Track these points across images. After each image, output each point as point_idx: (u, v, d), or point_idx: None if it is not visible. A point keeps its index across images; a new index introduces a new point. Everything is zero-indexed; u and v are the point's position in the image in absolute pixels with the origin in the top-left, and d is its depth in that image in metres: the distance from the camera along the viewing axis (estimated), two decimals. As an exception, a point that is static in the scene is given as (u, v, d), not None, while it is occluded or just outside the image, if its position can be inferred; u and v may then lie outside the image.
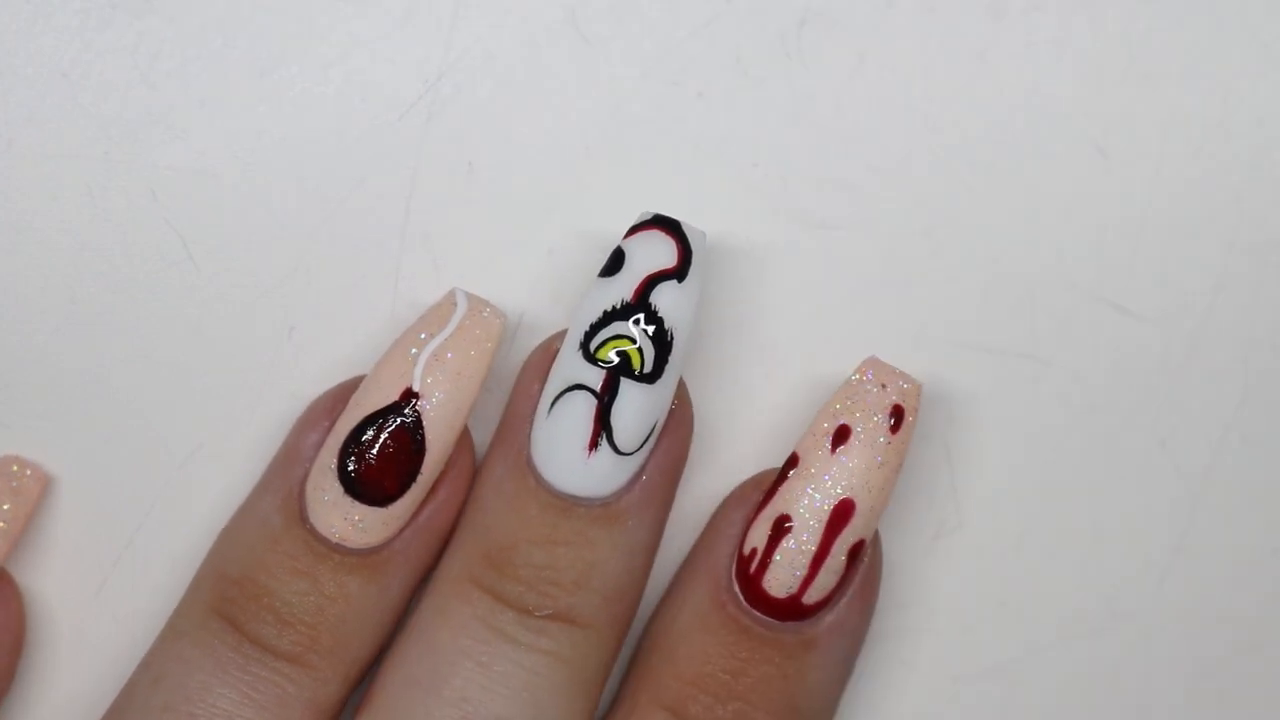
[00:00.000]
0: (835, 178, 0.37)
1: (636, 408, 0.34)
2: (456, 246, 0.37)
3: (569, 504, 0.35)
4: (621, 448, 0.34)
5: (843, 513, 0.35)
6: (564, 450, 0.35)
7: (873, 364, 0.35)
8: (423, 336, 0.35)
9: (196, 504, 0.37)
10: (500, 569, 0.35)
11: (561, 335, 0.35)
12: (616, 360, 0.34)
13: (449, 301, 0.35)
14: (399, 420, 0.34)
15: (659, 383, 0.34)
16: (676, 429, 0.36)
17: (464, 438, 0.35)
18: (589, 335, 0.34)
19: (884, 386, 0.35)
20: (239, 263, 0.37)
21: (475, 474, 0.36)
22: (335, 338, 0.37)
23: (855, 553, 0.35)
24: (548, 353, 0.35)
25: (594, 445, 0.34)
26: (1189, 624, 0.38)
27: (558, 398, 0.35)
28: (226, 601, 0.35)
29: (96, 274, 0.37)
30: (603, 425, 0.34)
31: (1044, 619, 0.38)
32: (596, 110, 0.37)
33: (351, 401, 0.35)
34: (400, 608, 0.36)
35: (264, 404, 0.37)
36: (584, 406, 0.34)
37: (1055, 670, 0.38)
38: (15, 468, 0.36)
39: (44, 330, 0.37)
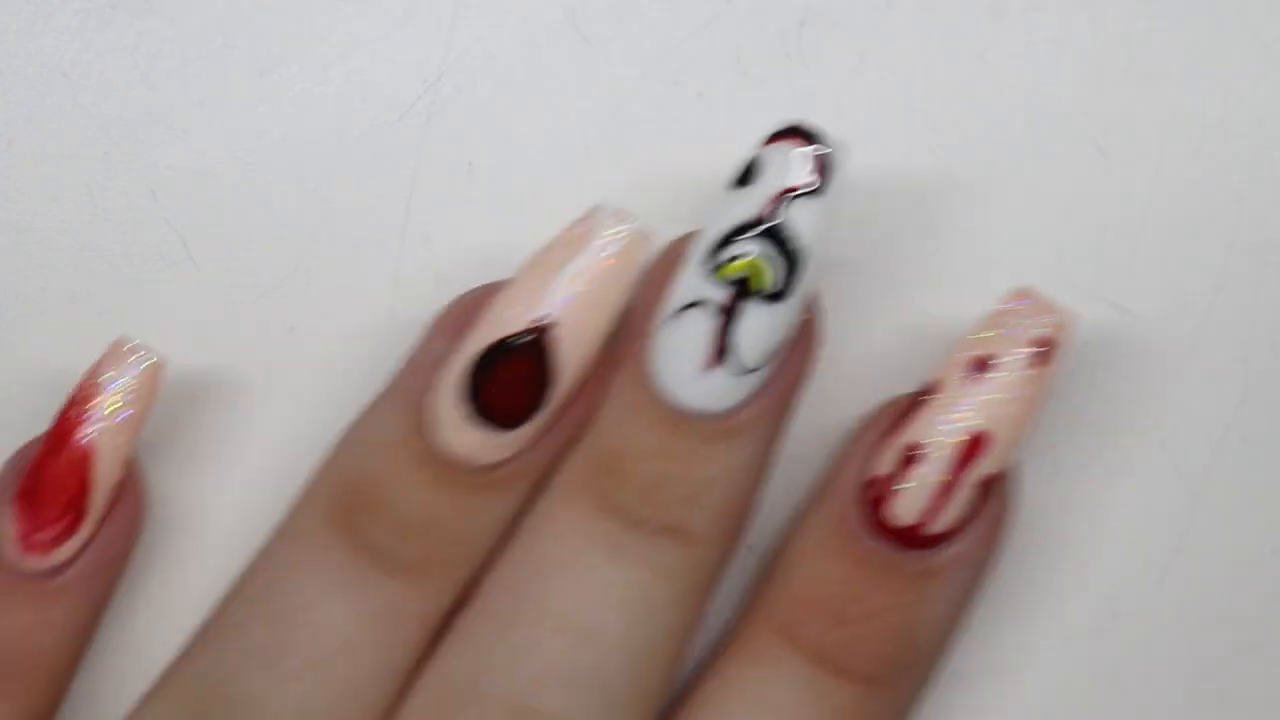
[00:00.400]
0: (835, 178, 0.37)
1: (760, 327, 0.33)
2: (456, 246, 0.37)
3: (684, 418, 0.33)
4: (742, 367, 0.33)
5: (975, 445, 0.33)
6: (682, 366, 0.33)
7: (1025, 292, 0.33)
8: (561, 257, 0.33)
9: (196, 504, 0.37)
10: (611, 479, 0.34)
11: (687, 239, 0.34)
12: (742, 277, 0.32)
13: (590, 219, 0.34)
14: (530, 345, 0.33)
15: (786, 302, 0.33)
16: (802, 347, 0.34)
17: (596, 361, 0.34)
18: (715, 250, 0.33)
19: (1033, 317, 0.33)
20: (239, 263, 0.37)
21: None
22: (335, 338, 0.37)
23: (988, 485, 0.34)
24: (672, 259, 0.34)
25: (713, 363, 0.33)
26: (1189, 624, 0.38)
27: (679, 311, 0.33)
28: (344, 509, 0.34)
29: (96, 274, 0.37)
30: (724, 344, 0.33)
31: (1044, 619, 0.38)
32: (596, 110, 0.37)
33: (483, 320, 0.34)
34: (516, 519, 0.35)
35: (264, 404, 0.37)
36: (705, 323, 0.33)
37: (1055, 670, 0.38)
38: (129, 356, 0.34)
39: (44, 330, 0.37)
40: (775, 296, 0.33)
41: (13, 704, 0.34)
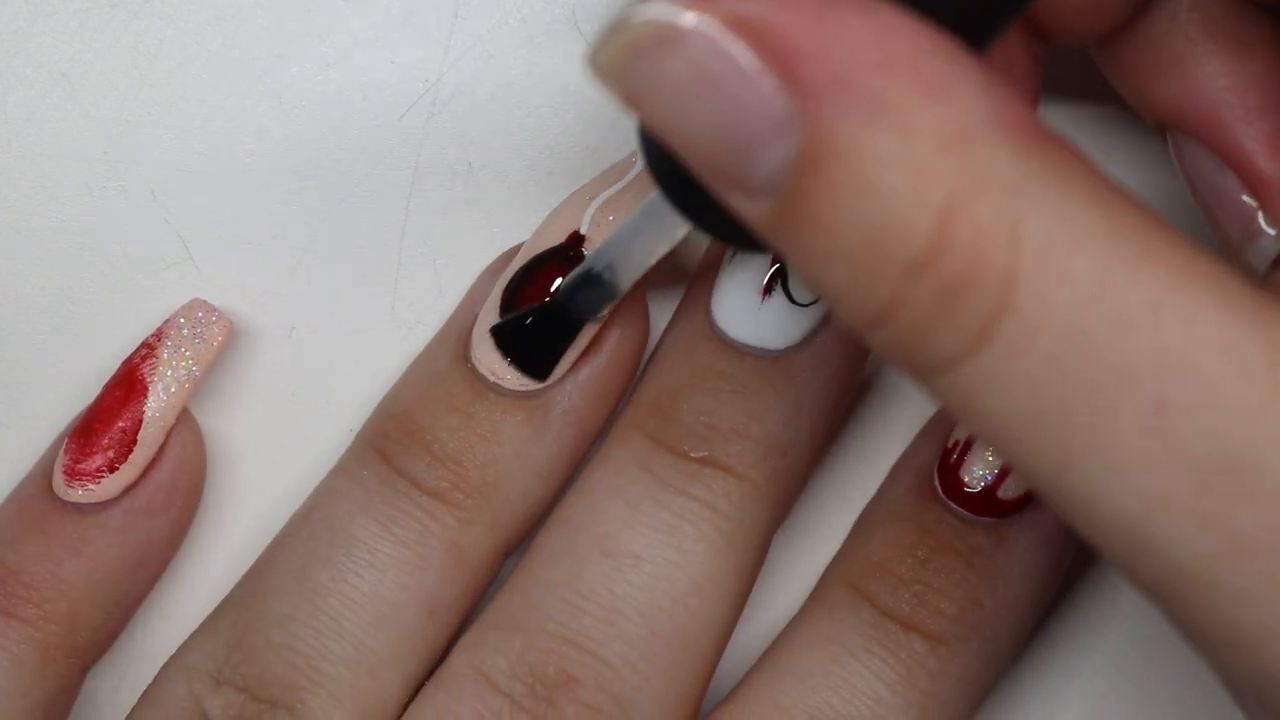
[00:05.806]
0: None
1: None
2: (456, 246, 0.37)
3: (738, 351, 0.34)
4: (796, 297, 0.34)
5: None
6: (738, 296, 0.34)
7: None
8: (597, 190, 0.34)
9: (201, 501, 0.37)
10: (664, 413, 0.35)
11: None
12: None
13: (628, 160, 0.35)
14: (564, 262, 0.34)
15: None
16: None
17: (637, 296, 0.35)
18: None
19: None
20: (239, 263, 0.37)
21: (646, 336, 0.36)
22: (335, 338, 0.37)
23: None
24: None
25: (768, 291, 0.34)
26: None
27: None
28: (382, 436, 0.35)
29: (96, 274, 0.37)
30: (779, 272, 0.34)
31: (1044, 618, 0.38)
32: (596, 111, 0.37)
33: (523, 248, 0.35)
34: (559, 463, 0.35)
35: (264, 404, 0.37)
36: (763, 258, 0.34)
37: (1056, 670, 0.38)
38: (201, 314, 0.36)
39: (44, 330, 0.37)
40: None
41: (26, 628, 0.34)
